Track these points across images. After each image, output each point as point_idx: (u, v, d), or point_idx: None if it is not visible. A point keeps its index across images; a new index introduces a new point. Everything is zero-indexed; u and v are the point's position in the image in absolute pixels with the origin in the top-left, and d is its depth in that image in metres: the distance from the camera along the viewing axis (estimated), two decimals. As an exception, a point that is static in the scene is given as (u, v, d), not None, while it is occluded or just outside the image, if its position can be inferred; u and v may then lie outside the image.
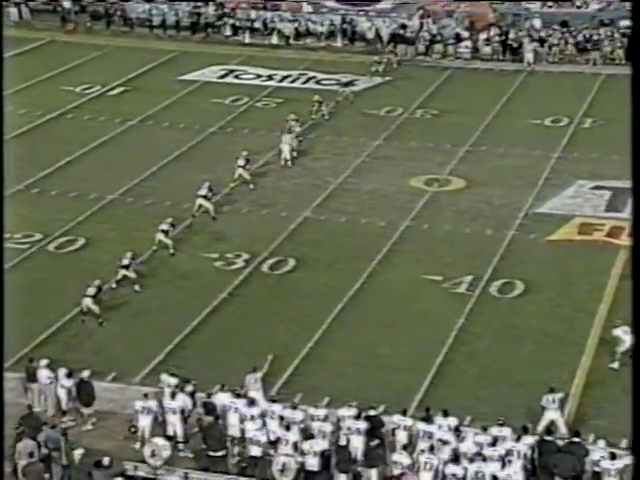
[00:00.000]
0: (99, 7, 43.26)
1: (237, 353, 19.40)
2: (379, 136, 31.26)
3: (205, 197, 25.02)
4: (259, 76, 37.23)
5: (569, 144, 30.21)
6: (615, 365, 18.57)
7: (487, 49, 39.59)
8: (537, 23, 40.48)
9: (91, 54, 38.77)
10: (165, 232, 23.28)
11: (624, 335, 18.50)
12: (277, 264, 23.17)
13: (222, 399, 16.83)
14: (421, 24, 40.92)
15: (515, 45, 39.04)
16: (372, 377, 18.75)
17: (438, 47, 39.85)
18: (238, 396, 16.80)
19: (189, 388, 17.15)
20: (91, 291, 20.49)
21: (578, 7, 41.24)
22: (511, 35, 39.68)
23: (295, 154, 28.86)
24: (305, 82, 36.69)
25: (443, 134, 31.24)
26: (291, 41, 40.90)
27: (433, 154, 29.75)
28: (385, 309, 21.24)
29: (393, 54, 38.52)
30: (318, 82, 36.56)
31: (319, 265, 23.13)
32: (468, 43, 39.64)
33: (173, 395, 17.00)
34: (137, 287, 21.64)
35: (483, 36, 40.02)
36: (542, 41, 38.92)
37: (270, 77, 37.12)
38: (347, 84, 34.59)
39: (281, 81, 36.74)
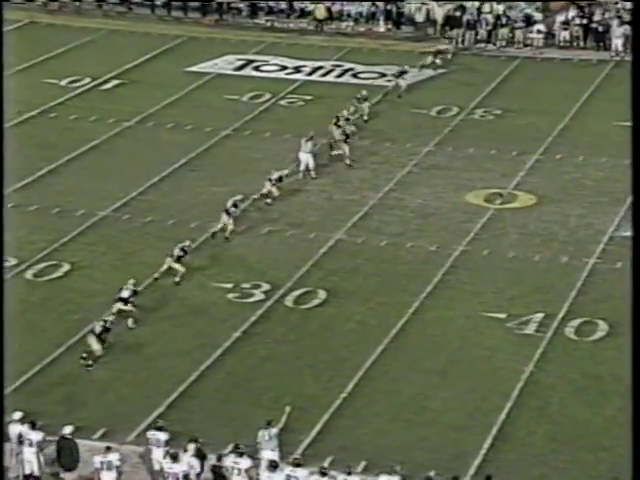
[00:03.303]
0: (89, -18, 44.16)
1: (254, 405, 19.66)
2: (429, 141, 31.57)
3: (227, 212, 25.42)
4: (284, 68, 37.83)
5: (665, 152, 30.24)
6: None
7: (565, 34, 39.87)
8: (628, 2, 40.71)
9: (79, 39, 39.63)
10: (179, 258, 23.60)
11: None
12: (303, 296, 23.45)
13: (228, 461, 17.12)
14: (482, 4, 41.35)
15: (600, 29, 39.29)
16: (419, 436, 18.87)
17: (503, 32, 40.21)
18: (241, 455, 17.06)
19: (192, 447, 17.40)
20: (98, 329, 20.79)
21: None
22: (596, 17, 39.94)
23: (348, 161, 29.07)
24: (340, 75, 37.20)
25: (508, 139, 31.49)
26: (323, 25, 41.55)
27: (495, 164, 29.97)
28: (435, 353, 21.40)
29: (450, 42, 38.94)
30: (355, 75, 37.07)
31: (355, 298, 23.38)
32: (541, 27, 39.96)
33: (174, 457, 17.21)
34: (131, 322, 22.01)
35: (560, 18, 40.34)
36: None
37: (297, 69, 37.70)
38: (401, 74, 34.85)
39: (311, 74, 37.29)
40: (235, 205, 25.66)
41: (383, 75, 36.75)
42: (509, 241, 25.73)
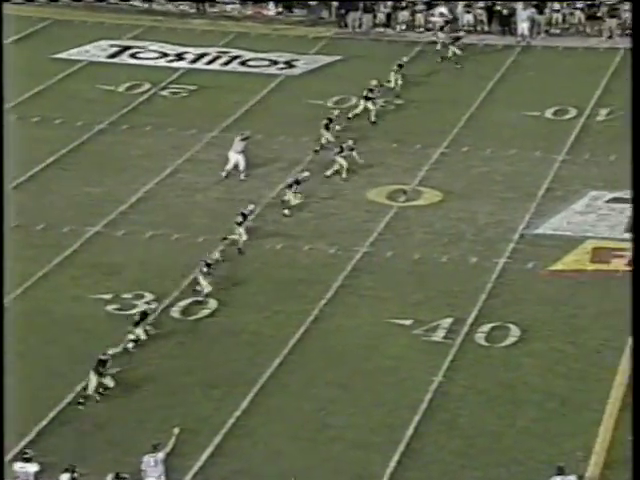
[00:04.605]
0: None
1: (137, 428, 19.50)
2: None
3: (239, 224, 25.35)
4: (164, 55, 37.61)
5: (578, 143, 31.18)
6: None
7: (468, 17, 40.68)
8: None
9: None
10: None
11: None
12: (192, 307, 23.37)
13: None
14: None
15: (505, 12, 40.22)
16: (320, 456, 18.97)
17: (403, 15, 40.80)
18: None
19: (67, 478, 17.16)
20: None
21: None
22: (500, -1, 40.90)
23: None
24: (227, 63, 37.20)
25: (411, 132, 31.93)
26: (206, 7, 41.43)
27: (398, 158, 30.37)
28: (337, 365, 21.54)
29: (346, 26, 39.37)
30: (244, 63, 37.12)
31: (248, 307, 23.40)
32: (443, 10, 40.68)
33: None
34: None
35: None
36: (540, 7, 40.18)
37: (179, 56, 37.53)
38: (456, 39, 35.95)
39: (194, 62, 37.18)
40: (244, 215, 25.60)
41: (274, 63, 36.88)
42: (414, 241, 26.11)
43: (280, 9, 41.77)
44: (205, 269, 23.46)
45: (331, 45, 39.30)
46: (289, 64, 36.80)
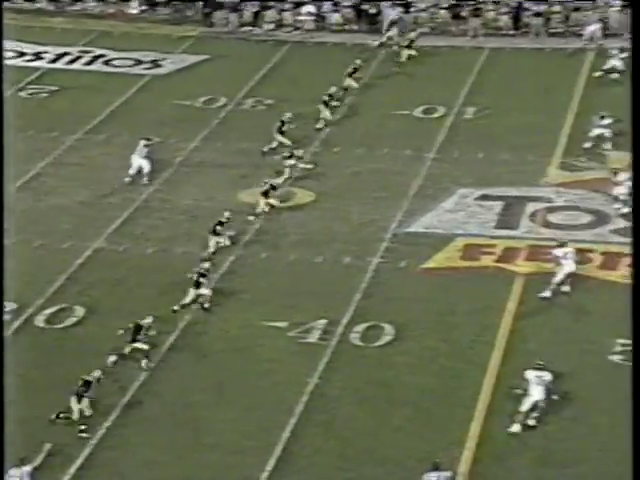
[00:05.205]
0: None
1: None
2: (195, 136, 31.71)
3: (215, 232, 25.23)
4: (21, 54, 36.91)
5: (447, 141, 31.82)
6: (514, 428, 19.72)
7: (336, 16, 41.09)
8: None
9: None
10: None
11: (535, 384, 19.68)
12: (58, 314, 23.03)
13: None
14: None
15: (373, 11, 40.78)
16: (195, 464, 18.89)
17: (270, 14, 40.96)
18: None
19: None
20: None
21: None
22: (367, -2, 41.50)
23: None
24: (90, 62, 36.75)
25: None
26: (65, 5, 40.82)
27: (270, 158, 30.49)
28: (211, 369, 21.51)
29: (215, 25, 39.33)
30: (108, 63, 36.71)
31: (118, 314, 23.09)
32: (311, 8, 41.00)
33: None
34: None
35: (330, -1, 41.66)
36: (407, 5, 40.89)
37: (38, 56, 36.89)
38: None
39: (54, 61, 36.60)
40: (221, 224, 25.38)
41: (140, 62, 36.59)
42: (288, 242, 26.25)
43: (144, 7, 41.43)
44: (198, 278, 23.28)
45: (197, 44, 39.24)
46: (155, 63, 36.59)
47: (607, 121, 30.03)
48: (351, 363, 21.82)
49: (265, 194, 27.19)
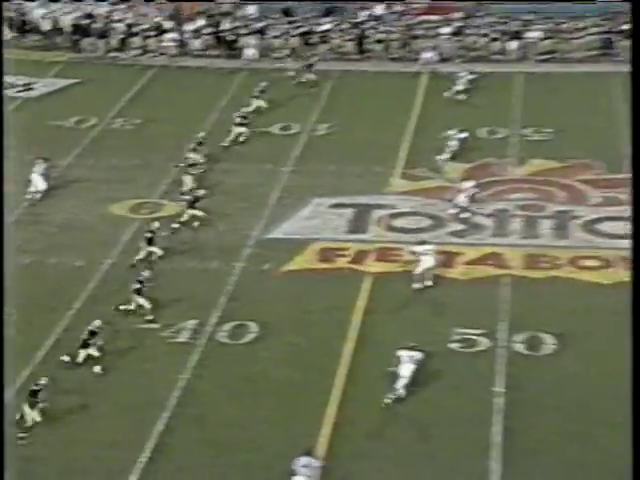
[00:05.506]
0: None
1: None
2: (69, 154, 31.24)
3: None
4: None
5: (302, 156, 32.10)
6: (387, 400, 20.07)
7: (197, 43, 40.99)
8: (252, 10, 42.56)
9: None
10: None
11: (406, 362, 20.14)
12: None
13: None
14: (112, 13, 41.52)
15: (231, 38, 40.81)
16: (71, 458, 18.66)
17: (136, 40, 40.59)
18: None
19: None
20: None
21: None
22: (225, 26, 41.42)
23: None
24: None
25: (151, 148, 31.83)
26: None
27: (140, 173, 30.21)
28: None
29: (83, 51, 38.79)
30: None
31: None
32: (174, 35, 40.81)
33: None
34: None
35: (190, 27, 41.43)
36: (262, 32, 41.07)
37: None
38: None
39: None
40: (153, 231, 24.96)
41: (12, 86, 35.73)
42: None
43: (14, 33, 40.53)
44: (139, 286, 22.83)
45: (67, 69, 38.65)
46: (27, 87, 35.81)
47: (463, 135, 30.95)
48: (219, 360, 21.84)
49: (191, 205, 27.10)
